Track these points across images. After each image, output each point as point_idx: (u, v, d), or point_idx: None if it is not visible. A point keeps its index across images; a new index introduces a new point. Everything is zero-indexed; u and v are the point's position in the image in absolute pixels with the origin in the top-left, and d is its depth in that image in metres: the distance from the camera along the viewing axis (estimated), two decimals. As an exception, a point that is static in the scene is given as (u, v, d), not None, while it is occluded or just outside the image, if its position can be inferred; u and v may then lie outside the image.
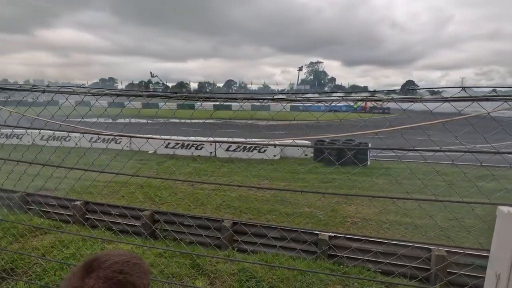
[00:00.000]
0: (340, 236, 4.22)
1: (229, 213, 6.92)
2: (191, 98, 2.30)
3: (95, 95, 1.86)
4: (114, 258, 0.71)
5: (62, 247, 3.23)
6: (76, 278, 0.64)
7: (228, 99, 2.25)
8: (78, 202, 5.25)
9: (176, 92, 2.12)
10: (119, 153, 13.23)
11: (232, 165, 11.30)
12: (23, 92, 1.95)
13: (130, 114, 2.65)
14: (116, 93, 2.00)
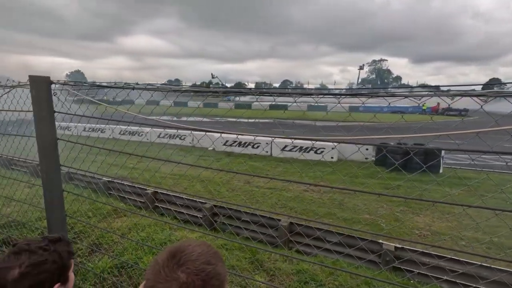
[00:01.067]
0: (408, 248, 3.85)
1: (284, 212, 6.90)
2: (251, 93, 2.32)
3: (183, 92, 2.02)
4: (197, 249, 0.72)
5: (137, 230, 3.62)
6: (168, 271, 0.65)
7: (281, 94, 2.20)
8: (149, 191, 5.81)
9: (234, 89, 2.18)
10: (182, 148, 14.25)
11: (287, 165, 11.25)
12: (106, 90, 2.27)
13: (190, 113, 2.81)
14: (193, 89, 2.14)
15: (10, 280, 0.81)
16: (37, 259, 0.87)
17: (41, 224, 3.47)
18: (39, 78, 2.22)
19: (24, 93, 2.80)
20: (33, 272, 0.85)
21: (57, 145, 2.33)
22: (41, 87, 2.20)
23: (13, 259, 0.84)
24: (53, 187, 2.33)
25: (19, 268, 0.83)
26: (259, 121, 17.81)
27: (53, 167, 2.30)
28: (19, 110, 2.72)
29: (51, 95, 2.26)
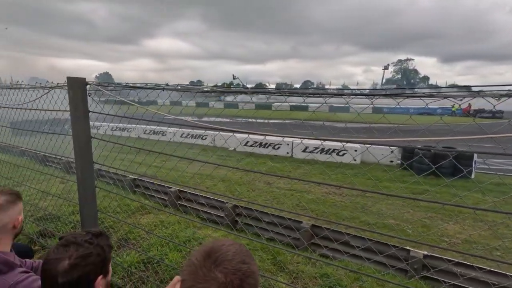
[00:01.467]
0: (438, 257, 3.67)
1: (305, 215, 6.81)
2: (275, 93, 2.30)
3: (208, 92, 2.05)
4: (231, 248, 0.72)
5: (163, 227, 3.72)
6: (206, 270, 0.65)
7: (307, 94, 2.16)
8: (173, 189, 5.96)
9: (254, 88, 2.18)
10: (204, 148, 14.46)
11: (309, 167, 11.12)
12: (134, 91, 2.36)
13: (213, 114, 2.85)
14: (223, 90, 2.17)
15: (61, 271, 0.86)
16: (84, 252, 0.92)
17: (74, 218, 3.66)
18: (76, 79, 2.34)
19: (55, 93, 2.99)
20: (81, 264, 0.90)
21: (91, 143, 2.45)
22: (78, 88, 2.32)
23: (62, 251, 0.89)
24: (86, 183, 2.45)
25: (69, 259, 0.88)
26: (279, 121, 17.73)
27: (87, 164, 2.42)
28: (57, 110, 2.88)
29: (86, 96, 2.37)
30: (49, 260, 0.87)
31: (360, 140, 1.79)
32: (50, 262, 0.87)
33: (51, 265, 0.86)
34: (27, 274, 1.13)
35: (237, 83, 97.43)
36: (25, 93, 3.37)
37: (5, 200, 1.18)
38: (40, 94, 3.02)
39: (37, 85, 3.24)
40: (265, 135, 1.69)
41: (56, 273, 0.85)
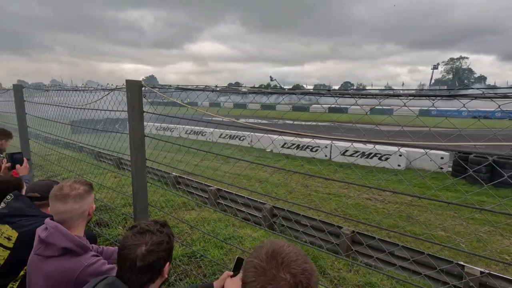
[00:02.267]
0: (497, 275, 3.31)
1: (344, 220, 6.59)
2: (308, 93, 2.26)
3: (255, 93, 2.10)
4: (291, 249, 0.75)
5: (204, 223, 3.87)
6: (275, 271, 0.68)
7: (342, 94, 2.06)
8: (212, 188, 6.15)
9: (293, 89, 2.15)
10: (241, 149, 14.70)
11: (348, 170, 10.73)
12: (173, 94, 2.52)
13: (250, 115, 2.87)
14: (265, 91, 2.20)
15: (140, 255, 0.95)
16: (157, 239, 1.01)
17: (125, 210, 3.96)
18: (133, 82, 2.53)
19: (108, 96, 3.28)
20: (155, 250, 0.99)
21: (144, 141, 2.64)
22: (135, 90, 2.51)
23: (140, 238, 0.98)
24: (140, 178, 2.64)
25: (145, 245, 0.98)
26: (318, 123, 17.33)
27: (141, 160, 2.61)
28: (116, 110, 3.15)
29: (141, 97, 2.56)
30: (128, 246, 0.96)
31: (409, 143, 1.69)
32: (130, 247, 0.96)
33: (131, 250, 0.95)
34: (98, 258, 1.26)
35: (274, 84, 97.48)
36: (82, 95, 3.76)
37: (83, 189, 1.33)
38: (101, 95, 3.34)
39: (93, 87, 3.59)
40: (314, 136, 1.67)
41: (135, 257, 0.94)
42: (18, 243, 1.46)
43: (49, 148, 6.54)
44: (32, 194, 1.56)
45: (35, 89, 4.72)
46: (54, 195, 1.27)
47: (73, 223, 1.30)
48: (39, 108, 4.76)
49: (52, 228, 1.22)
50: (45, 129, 4.89)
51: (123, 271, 0.96)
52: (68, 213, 1.27)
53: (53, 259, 1.20)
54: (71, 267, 1.19)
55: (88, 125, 4.58)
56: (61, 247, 1.20)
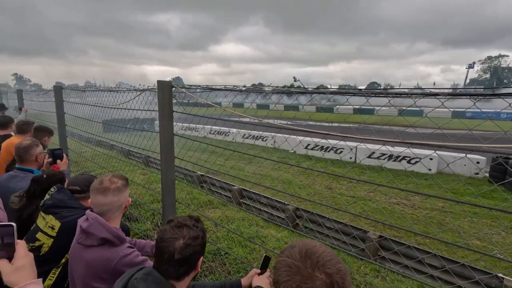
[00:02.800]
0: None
1: (369, 224, 6.38)
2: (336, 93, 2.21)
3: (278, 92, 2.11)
4: (324, 249, 0.75)
5: (228, 222, 3.92)
6: (311, 271, 0.68)
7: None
8: (236, 187, 6.22)
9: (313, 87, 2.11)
10: (264, 149, 14.73)
11: (374, 174, 10.40)
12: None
13: (273, 116, 2.87)
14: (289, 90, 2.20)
15: (178, 248, 1.00)
16: (194, 234, 1.05)
17: (153, 206, 4.11)
18: (164, 82, 2.63)
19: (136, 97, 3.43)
20: (192, 244, 1.03)
21: (173, 139, 2.73)
22: (165, 90, 2.60)
23: (178, 232, 1.03)
24: (168, 175, 2.73)
25: (183, 239, 1.02)
26: (343, 125, 16.94)
27: (170, 158, 2.70)
28: (148, 110, 3.29)
29: (171, 97, 2.65)
30: (167, 239, 1.01)
31: (447, 144, 1.60)
32: (168, 240, 1.01)
33: (169, 243, 1.00)
34: (133, 249, 1.33)
35: (297, 85, 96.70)
36: (113, 95, 3.96)
37: (121, 183, 1.41)
38: (133, 95, 3.50)
39: (127, 88, 3.76)
40: (344, 136, 1.64)
41: (174, 250, 0.99)
42: (60, 232, 1.57)
43: (84, 146, 6.95)
44: (73, 187, 1.67)
45: (74, 90, 5.03)
46: (96, 188, 1.36)
47: (111, 215, 1.37)
48: (75, 108, 5.08)
49: (92, 219, 1.30)
50: (80, 128, 5.21)
51: (161, 263, 1.01)
52: (108, 205, 1.35)
53: (93, 248, 1.28)
54: (109, 256, 1.26)
55: (118, 124, 4.82)
56: (100, 237, 1.27)
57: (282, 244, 3.44)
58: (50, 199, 1.61)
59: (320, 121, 19.79)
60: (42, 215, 1.63)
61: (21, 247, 0.92)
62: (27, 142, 2.23)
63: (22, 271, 0.89)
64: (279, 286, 0.71)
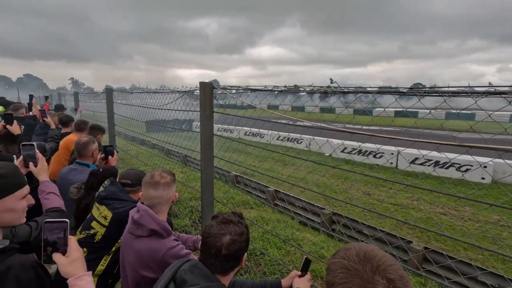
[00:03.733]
0: None
1: (412, 234, 5.97)
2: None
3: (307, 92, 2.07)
4: (383, 253, 0.71)
5: (263, 222, 3.93)
6: (372, 275, 0.66)
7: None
8: (271, 189, 6.21)
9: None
10: (298, 152, 14.56)
11: (417, 181, 9.72)
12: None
13: (310, 118, 2.80)
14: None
15: (225, 243, 1.03)
16: (239, 230, 1.08)
17: (191, 204, 4.26)
18: (205, 84, 2.72)
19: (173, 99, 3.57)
20: (239, 239, 1.06)
21: (213, 139, 2.81)
22: (207, 91, 2.69)
23: (224, 228, 1.06)
24: (208, 173, 2.82)
25: (230, 235, 1.05)
26: (383, 128, 16.15)
27: (210, 157, 2.78)
28: (190, 110, 3.43)
29: (212, 98, 2.73)
30: (214, 234, 1.05)
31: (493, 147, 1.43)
32: (215, 235, 1.04)
33: (216, 238, 1.03)
34: (178, 242, 1.39)
35: (334, 87, 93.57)
36: (155, 97, 4.19)
37: (170, 178, 1.48)
38: (176, 97, 3.68)
39: (170, 90, 3.96)
40: (392, 138, 1.56)
41: (221, 245, 1.02)
42: (112, 222, 1.69)
43: (129, 144, 7.43)
44: (124, 181, 1.80)
45: (123, 92, 5.41)
46: (147, 182, 1.44)
47: (160, 208, 1.45)
48: (121, 109, 5.47)
49: (143, 211, 1.38)
50: (126, 127, 5.60)
51: (208, 257, 1.04)
52: (158, 198, 1.43)
53: (143, 239, 1.36)
54: (156, 247, 1.33)
55: (160, 124, 5.09)
56: (150, 229, 1.35)
57: (319, 249, 3.36)
58: (104, 191, 1.75)
59: (358, 124, 19.08)
60: (97, 205, 1.77)
61: (73, 242, 1.02)
62: (85, 139, 2.44)
63: (76, 263, 0.99)
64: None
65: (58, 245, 0.99)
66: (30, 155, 1.61)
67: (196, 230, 3.60)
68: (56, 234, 0.99)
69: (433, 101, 2.19)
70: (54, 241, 0.99)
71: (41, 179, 1.60)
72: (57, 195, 1.59)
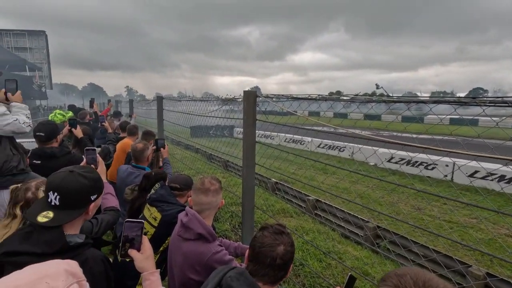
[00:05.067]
0: None
1: (470, 256, 5.34)
2: None
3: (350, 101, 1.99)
4: (444, 283, 0.65)
5: (302, 232, 3.85)
6: None
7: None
8: (311, 198, 6.07)
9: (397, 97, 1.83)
10: (340, 160, 14.04)
11: (476, 197, 8.72)
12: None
13: (352, 125, 2.67)
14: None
15: (280, 253, 1.06)
16: (291, 240, 1.11)
17: (231, 209, 4.36)
18: (249, 92, 2.78)
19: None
20: (290, 250, 1.09)
21: (255, 146, 2.85)
22: (250, 99, 2.75)
23: (278, 238, 1.09)
24: (249, 180, 2.86)
25: (284, 245, 1.08)
26: (434, 137, 14.85)
27: (251, 164, 2.83)
28: (233, 118, 3.54)
29: (255, 106, 2.78)
30: (269, 244, 1.07)
31: None
32: (271, 245, 1.07)
33: (272, 248, 1.06)
34: (221, 248, 1.43)
35: (380, 92, 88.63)
36: (200, 104, 4.39)
37: (218, 186, 1.55)
38: (221, 104, 3.83)
39: (215, 98, 4.12)
40: (455, 153, 1.43)
41: (276, 255, 1.05)
42: (161, 223, 1.80)
43: (175, 148, 7.87)
44: (174, 185, 1.91)
45: (172, 100, 5.77)
46: (198, 188, 1.52)
47: (208, 213, 1.52)
48: (169, 115, 5.83)
49: (191, 215, 1.45)
50: (173, 132, 5.95)
51: (261, 266, 1.06)
52: (207, 204, 1.50)
53: (190, 242, 1.43)
54: (202, 251, 1.39)
55: (203, 130, 5.30)
56: (197, 233, 1.41)
57: (362, 265, 3.18)
58: (155, 194, 1.87)
59: (403, 132, 17.84)
60: (148, 206, 1.91)
61: (146, 241, 1.13)
62: (141, 146, 2.66)
63: (149, 260, 1.12)
64: None
65: (134, 242, 1.10)
66: (93, 159, 1.80)
67: (236, 235, 3.66)
68: (134, 232, 1.10)
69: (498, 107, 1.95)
70: (132, 238, 1.10)
71: None
72: (113, 196, 1.75)
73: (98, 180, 1.26)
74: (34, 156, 2.60)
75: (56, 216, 1.10)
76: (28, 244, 1.06)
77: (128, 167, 2.69)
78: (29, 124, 2.28)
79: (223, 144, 4.79)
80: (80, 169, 1.22)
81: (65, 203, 1.12)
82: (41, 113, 29.34)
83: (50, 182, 1.15)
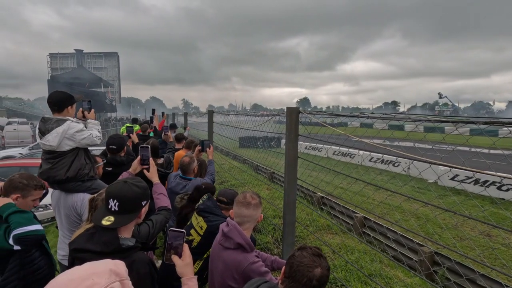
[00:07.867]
0: None
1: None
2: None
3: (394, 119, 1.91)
4: None
5: (347, 251, 3.70)
6: None
7: None
8: (359, 215, 5.80)
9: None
10: (394, 176, 13.07)
11: None
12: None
13: (411, 139, 2.50)
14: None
15: (317, 275, 1.11)
16: (328, 265, 1.15)
17: (274, 221, 4.40)
18: (292, 109, 2.86)
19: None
20: (327, 274, 1.14)
21: (297, 161, 2.90)
22: (293, 116, 2.82)
23: (316, 259, 1.14)
24: (291, 194, 2.90)
25: (321, 268, 1.13)
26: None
27: (293, 178, 2.88)
28: (277, 133, 3.65)
29: (298, 122, 2.85)
30: (307, 264, 1.12)
31: None
32: (309, 266, 1.11)
33: (310, 268, 1.11)
34: (259, 259, 1.52)
35: (444, 102, 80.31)
36: (249, 117, 4.58)
37: (258, 201, 1.67)
38: (266, 118, 3.99)
39: (260, 112, 4.27)
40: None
41: (313, 276, 1.09)
42: (206, 233, 1.96)
43: (223, 159, 8.25)
44: (221, 198, 2.09)
45: (221, 114, 6.12)
46: (240, 202, 1.64)
47: (248, 225, 1.63)
48: (219, 128, 6.19)
49: (232, 226, 1.58)
50: (221, 144, 6.27)
51: (297, 284, 1.10)
52: (248, 217, 1.62)
53: (229, 251, 1.55)
54: (240, 260, 1.50)
55: (251, 141, 5.48)
56: (236, 242, 1.53)
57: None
58: (202, 204, 2.05)
59: (472, 146, 15.91)
60: (195, 215, 2.09)
61: (187, 249, 1.28)
62: (188, 160, 2.95)
63: (189, 266, 1.26)
64: None
65: (177, 250, 1.26)
66: (145, 155, 2.04)
67: (278, 248, 3.69)
68: (177, 241, 1.27)
69: None
70: (176, 246, 1.26)
71: (153, 181, 2.00)
72: (166, 196, 1.95)
73: (147, 188, 1.46)
74: (107, 164, 3.05)
75: (116, 219, 1.31)
76: (90, 243, 1.30)
77: (177, 177, 2.97)
78: (99, 137, 2.69)
79: (270, 154, 4.89)
80: (132, 180, 1.45)
81: (123, 209, 1.34)
82: (111, 124, 33.58)
83: (109, 191, 1.38)
